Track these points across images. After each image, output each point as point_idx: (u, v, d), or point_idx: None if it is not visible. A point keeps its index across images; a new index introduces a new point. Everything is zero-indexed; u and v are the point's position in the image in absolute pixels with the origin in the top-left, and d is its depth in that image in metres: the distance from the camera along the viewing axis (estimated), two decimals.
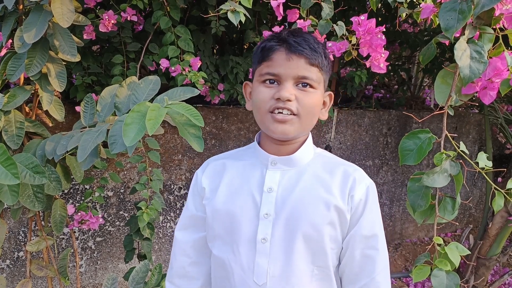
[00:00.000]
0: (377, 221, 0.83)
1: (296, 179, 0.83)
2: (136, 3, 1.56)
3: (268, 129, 0.80)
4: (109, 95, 1.20)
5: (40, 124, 1.32)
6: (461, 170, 0.83)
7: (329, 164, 0.86)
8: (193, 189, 0.94)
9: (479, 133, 3.89)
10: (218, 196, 0.87)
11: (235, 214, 0.84)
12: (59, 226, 1.36)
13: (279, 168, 0.84)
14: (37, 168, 1.07)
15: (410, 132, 0.88)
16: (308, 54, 0.77)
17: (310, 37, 0.80)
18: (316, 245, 0.81)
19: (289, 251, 0.80)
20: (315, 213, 0.80)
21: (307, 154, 0.85)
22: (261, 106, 0.79)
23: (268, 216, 0.81)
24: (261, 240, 0.80)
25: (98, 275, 2.19)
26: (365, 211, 0.81)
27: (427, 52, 0.89)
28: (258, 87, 0.80)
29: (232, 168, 0.89)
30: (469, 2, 0.75)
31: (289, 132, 0.78)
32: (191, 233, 0.93)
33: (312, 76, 0.78)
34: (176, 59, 1.63)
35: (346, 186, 0.81)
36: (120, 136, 0.94)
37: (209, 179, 0.90)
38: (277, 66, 0.77)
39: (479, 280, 2.79)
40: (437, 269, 0.82)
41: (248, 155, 0.90)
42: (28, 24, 1.12)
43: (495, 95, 0.84)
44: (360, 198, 0.81)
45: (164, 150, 2.23)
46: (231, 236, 0.84)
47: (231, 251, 0.83)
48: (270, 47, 0.79)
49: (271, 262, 0.80)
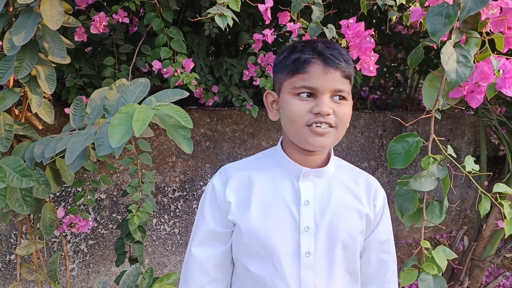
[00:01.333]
0: (390, 227, 0.90)
1: (329, 191, 0.85)
2: (128, 5, 1.56)
3: (305, 141, 0.79)
4: (99, 97, 1.20)
5: (29, 127, 1.31)
6: (448, 174, 0.83)
7: (351, 174, 0.89)
8: (211, 202, 0.88)
9: (474, 135, 3.90)
10: (252, 212, 0.83)
11: (273, 229, 0.82)
12: (48, 229, 1.35)
13: (311, 179, 0.84)
14: (25, 171, 1.06)
15: (398, 136, 0.88)
16: (343, 67, 0.77)
17: (342, 49, 0.81)
18: (351, 253, 0.84)
19: (331, 262, 0.82)
20: (351, 222, 0.83)
21: (333, 165, 0.88)
22: (297, 120, 0.78)
23: (308, 229, 0.81)
24: (305, 254, 0.81)
25: (91, 279, 2.18)
26: (382, 218, 0.87)
27: (415, 56, 0.89)
28: (292, 100, 0.79)
29: (259, 181, 0.86)
30: (455, 7, 0.75)
31: (327, 144, 0.79)
32: (210, 249, 0.88)
33: (346, 89, 0.79)
34: (169, 60, 1.63)
35: (370, 195, 0.86)
36: (107, 138, 0.93)
37: (235, 192, 0.86)
38: (314, 80, 0.77)
39: (473, 282, 2.80)
40: (424, 273, 0.83)
41: (272, 165, 0.88)
42: (17, 27, 1.12)
43: (482, 99, 0.84)
44: (380, 206, 0.87)
45: (158, 152, 2.23)
46: (270, 251, 0.82)
47: (273, 267, 0.82)
48: (305, 60, 0.77)
49: (317, 275, 0.81)
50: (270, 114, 0.87)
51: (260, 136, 2.56)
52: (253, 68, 1.74)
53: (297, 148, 0.83)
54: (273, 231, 0.82)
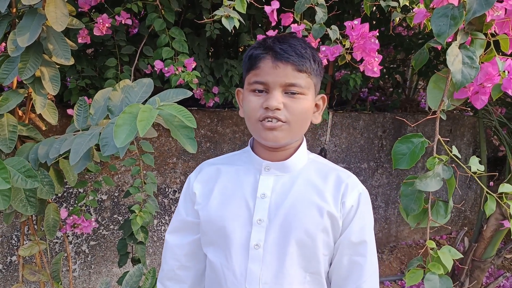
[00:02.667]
0: (367, 228, 0.83)
1: (290, 185, 0.83)
2: (130, 6, 1.56)
3: (259, 136, 0.80)
4: (102, 98, 1.20)
5: (33, 128, 1.31)
6: (453, 174, 0.84)
7: (322, 170, 0.85)
8: (185, 194, 0.94)
9: (473, 136, 3.91)
10: (211, 202, 0.86)
11: (228, 219, 0.83)
12: (52, 230, 1.35)
13: (273, 173, 0.84)
14: (29, 172, 1.06)
15: (403, 136, 0.89)
16: (295, 61, 0.76)
17: (297, 42, 0.79)
18: (309, 251, 0.80)
19: (282, 258, 0.80)
20: (309, 219, 0.80)
21: (301, 160, 0.85)
22: (251, 115, 0.79)
23: (261, 222, 0.81)
24: (254, 246, 0.80)
25: (92, 280, 2.17)
26: (355, 217, 0.81)
27: (420, 57, 0.90)
28: (248, 96, 0.80)
29: (225, 173, 0.88)
30: (460, 8, 0.76)
31: (279, 139, 0.78)
32: (181, 237, 0.93)
33: (301, 83, 0.77)
34: (171, 60, 1.63)
35: (339, 192, 0.81)
36: (111, 138, 0.93)
37: (201, 184, 0.90)
38: (265, 75, 0.77)
39: (474, 283, 2.80)
40: (430, 273, 0.83)
41: (242, 160, 0.89)
42: (21, 28, 1.12)
43: (486, 100, 0.84)
44: (351, 204, 0.81)
45: (158, 153, 2.22)
46: (224, 241, 0.83)
47: (224, 257, 0.83)
48: (256, 56, 0.78)
49: (264, 269, 0.80)
50: (240, 111, 0.88)
51: None
52: None
53: (262, 144, 0.83)
54: (228, 221, 0.83)
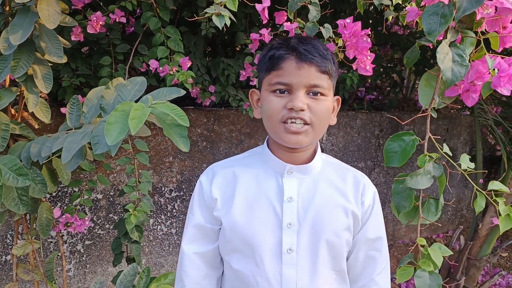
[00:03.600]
0: (381, 224, 0.87)
1: (314, 187, 0.83)
2: (124, 4, 1.56)
3: (280, 139, 0.79)
4: (95, 96, 1.19)
5: (26, 126, 1.30)
6: (444, 172, 0.84)
7: (339, 170, 0.87)
8: (199, 199, 0.89)
9: (470, 135, 3.92)
10: (234, 208, 0.83)
11: (256, 226, 0.82)
12: (45, 229, 1.34)
13: (295, 176, 0.83)
14: (21, 170, 1.06)
15: (395, 134, 0.89)
16: (318, 62, 0.76)
17: (319, 44, 0.79)
18: (336, 251, 0.82)
19: (315, 260, 0.81)
20: (336, 220, 0.82)
21: (319, 162, 0.86)
22: (272, 116, 0.78)
23: (291, 226, 0.80)
24: (287, 250, 0.80)
25: (87, 279, 2.17)
26: (372, 215, 0.84)
27: (411, 55, 0.90)
28: (269, 97, 0.79)
29: (244, 177, 0.86)
30: (451, 6, 0.76)
31: (303, 143, 0.78)
32: (200, 245, 0.89)
33: (323, 84, 0.77)
34: (166, 59, 1.63)
35: (358, 192, 0.84)
36: (103, 136, 0.93)
37: (220, 190, 0.86)
38: (288, 76, 0.76)
39: (469, 281, 2.81)
40: (420, 270, 0.83)
41: (258, 162, 0.88)
42: (14, 26, 1.11)
43: (477, 98, 0.84)
44: (369, 203, 0.84)
45: (154, 153, 2.22)
46: (252, 248, 0.81)
47: (254, 264, 0.81)
48: (279, 56, 0.77)
49: (299, 272, 0.80)
50: (255, 112, 0.87)
51: (257, 136, 2.56)
52: (250, 68, 1.74)
53: (281, 145, 0.83)
54: (255, 227, 0.81)
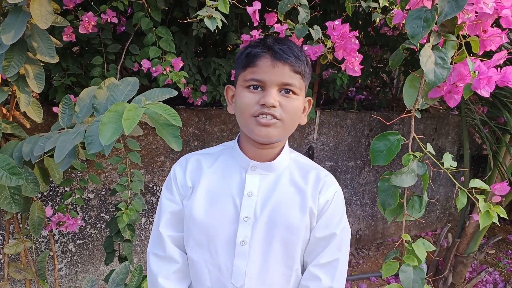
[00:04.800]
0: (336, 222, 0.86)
1: (274, 184, 0.86)
2: (116, 4, 1.57)
3: (252, 132, 0.81)
4: (87, 96, 1.20)
5: (17, 126, 1.31)
6: (427, 170, 0.87)
7: (303, 169, 0.89)
8: (172, 184, 0.91)
9: (458, 134, 3.99)
10: (196, 197, 0.87)
11: (214, 216, 0.85)
12: (37, 228, 1.35)
13: (259, 173, 0.86)
14: (14, 169, 1.07)
15: (380, 134, 0.92)
16: (292, 62, 0.79)
17: (294, 45, 0.82)
18: (290, 248, 0.84)
19: (267, 254, 0.83)
20: (292, 216, 0.83)
21: (285, 160, 0.88)
22: (245, 111, 0.81)
23: (247, 220, 0.83)
24: (241, 242, 0.83)
25: (79, 278, 2.17)
26: (326, 212, 0.85)
27: (396, 57, 0.93)
28: (242, 92, 0.82)
29: (210, 169, 0.89)
30: (433, 11, 0.79)
31: (272, 135, 0.81)
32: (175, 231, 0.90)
33: (295, 83, 0.80)
34: (158, 59, 1.64)
35: (316, 190, 0.85)
36: (97, 136, 0.94)
37: (189, 176, 0.90)
38: (262, 73, 0.79)
39: (457, 278, 2.87)
40: (405, 265, 0.86)
41: (227, 156, 0.91)
42: (6, 25, 1.12)
43: (459, 99, 0.88)
44: (326, 200, 0.85)
45: (146, 152, 2.23)
46: (209, 238, 0.84)
47: (208, 253, 0.85)
48: (255, 54, 0.80)
49: (250, 264, 0.83)
50: (229, 108, 0.90)
51: None
52: None
53: (251, 141, 0.85)
54: (213, 218, 0.85)
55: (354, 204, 3.31)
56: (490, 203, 0.84)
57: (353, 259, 3.30)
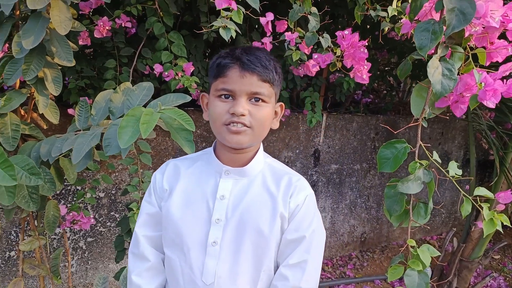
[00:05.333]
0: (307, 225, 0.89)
1: (246, 188, 0.90)
2: (130, 9, 1.61)
3: (224, 139, 0.86)
4: (103, 99, 1.24)
5: (35, 127, 1.35)
6: (433, 178, 0.90)
7: (276, 174, 0.93)
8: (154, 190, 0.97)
9: (465, 139, 3.99)
10: (173, 199, 0.92)
11: (188, 218, 0.90)
12: (52, 226, 1.39)
13: (232, 177, 0.91)
14: (33, 169, 1.11)
15: (388, 142, 0.94)
16: (260, 72, 0.83)
17: (262, 54, 0.86)
18: (260, 249, 0.87)
19: (237, 254, 0.87)
20: (262, 220, 0.87)
21: (258, 165, 0.92)
22: (217, 119, 0.85)
23: (219, 221, 0.88)
24: (212, 243, 0.87)
25: (89, 275, 2.22)
26: (296, 216, 0.88)
27: (404, 68, 0.96)
28: (214, 101, 0.86)
29: (187, 174, 0.95)
30: (441, 24, 0.81)
31: (243, 142, 0.85)
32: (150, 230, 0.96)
33: (264, 92, 0.84)
34: (170, 64, 1.68)
35: (287, 194, 0.89)
36: (114, 138, 0.98)
37: (168, 182, 0.95)
38: (232, 83, 0.83)
39: (461, 282, 2.88)
40: (410, 269, 0.89)
41: (204, 162, 0.96)
42: (26, 31, 1.16)
43: (465, 108, 0.90)
44: (297, 204, 0.88)
45: (155, 153, 2.27)
46: (183, 238, 0.89)
47: (182, 252, 0.89)
48: (224, 64, 0.84)
49: (220, 264, 0.87)
50: (204, 114, 0.94)
51: None
52: None
53: (224, 146, 0.89)
54: (187, 219, 0.89)
55: (359, 207, 3.33)
56: (494, 211, 0.86)
57: (358, 262, 3.31)
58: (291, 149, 2.82)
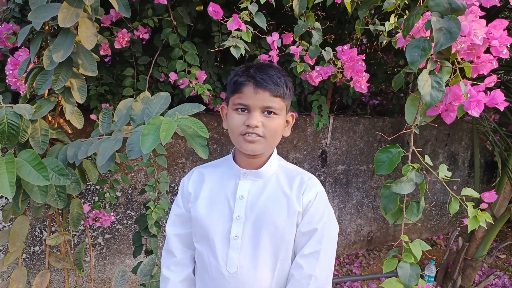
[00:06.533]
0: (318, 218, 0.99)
1: (262, 188, 1.02)
2: (147, 21, 1.72)
3: (241, 147, 0.98)
4: (124, 107, 1.36)
5: (61, 131, 1.48)
6: (424, 180, 0.99)
7: (289, 174, 1.05)
8: (181, 193, 1.12)
9: (471, 140, 4.03)
10: (199, 201, 1.05)
11: (213, 216, 1.03)
12: (76, 222, 1.52)
13: (249, 179, 1.03)
14: (62, 171, 1.23)
15: (383, 147, 1.04)
16: (271, 89, 0.94)
17: (274, 72, 0.97)
18: (277, 241, 0.99)
19: (256, 247, 0.99)
20: (277, 216, 0.99)
21: (272, 167, 1.04)
22: (234, 130, 0.97)
23: (239, 218, 1.00)
24: (234, 237, 1.00)
25: (107, 270, 2.35)
26: (309, 211, 0.99)
27: (398, 80, 1.05)
28: (232, 114, 0.98)
29: (211, 178, 1.08)
30: (430, 41, 0.91)
31: (257, 150, 0.97)
32: (179, 229, 1.11)
33: (275, 106, 0.96)
34: (184, 72, 1.79)
35: (300, 192, 1.00)
36: (137, 144, 1.10)
37: (193, 186, 1.09)
38: (247, 98, 0.95)
39: (466, 281, 2.94)
40: (403, 262, 0.98)
41: (225, 167, 1.09)
42: (56, 45, 1.28)
43: (455, 116, 0.99)
44: (309, 200, 1.00)
45: (169, 154, 2.39)
46: (209, 234, 1.02)
47: (209, 246, 1.03)
48: (240, 82, 0.96)
49: (241, 255, 0.99)
50: (224, 124, 1.07)
51: None
52: None
53: (241, 153, 1.02)
54: (212, 218, 1.02)
55: (365, 207, 3.41)
56: (478, 209, 0.95)
57: (364, 260, 3.39)
58: (299, 151, 2.91)
